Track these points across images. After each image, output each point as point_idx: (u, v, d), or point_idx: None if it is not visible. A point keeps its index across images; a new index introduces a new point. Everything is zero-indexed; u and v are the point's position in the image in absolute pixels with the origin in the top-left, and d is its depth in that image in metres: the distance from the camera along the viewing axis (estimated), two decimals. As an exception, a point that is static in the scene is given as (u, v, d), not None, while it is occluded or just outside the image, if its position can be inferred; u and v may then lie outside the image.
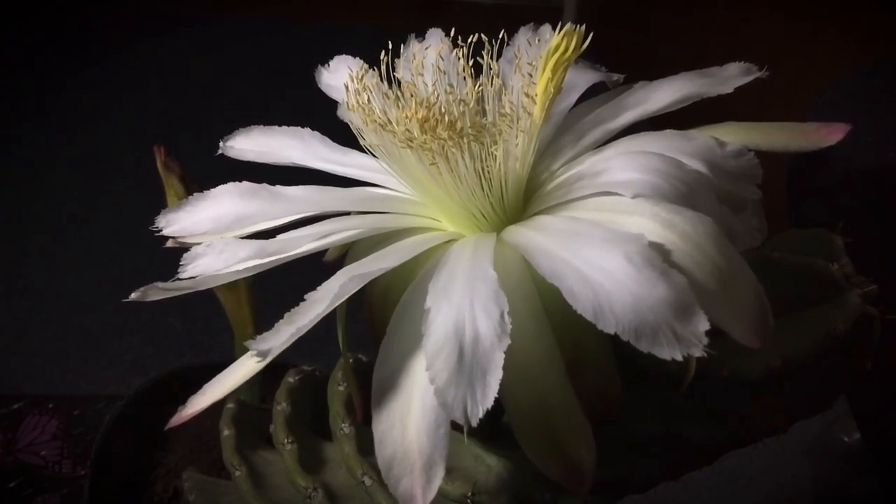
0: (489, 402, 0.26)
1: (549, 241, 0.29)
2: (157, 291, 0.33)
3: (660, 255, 0.26)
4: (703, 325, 0.25)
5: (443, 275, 0.30)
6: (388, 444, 0.29)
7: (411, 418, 0.28)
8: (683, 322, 0.25)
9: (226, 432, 0.54)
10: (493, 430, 0.41)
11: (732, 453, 0.40)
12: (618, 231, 0.27)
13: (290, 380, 0.56)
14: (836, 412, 0.40)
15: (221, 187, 0.38)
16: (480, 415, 0.26)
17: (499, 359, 0.26)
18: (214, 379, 0.36)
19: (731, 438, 0.39)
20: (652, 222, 0.29)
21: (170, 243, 0.38)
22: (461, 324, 0.27)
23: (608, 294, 0.25)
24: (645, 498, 0.43)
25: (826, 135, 0.35)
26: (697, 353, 0.25)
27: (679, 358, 0.25)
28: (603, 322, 0.25)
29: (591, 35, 0.34)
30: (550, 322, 0.31)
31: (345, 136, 0.40)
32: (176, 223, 0.37)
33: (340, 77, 0.41)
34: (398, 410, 0.29)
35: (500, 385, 0.26)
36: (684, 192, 0.29)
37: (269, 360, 0.30)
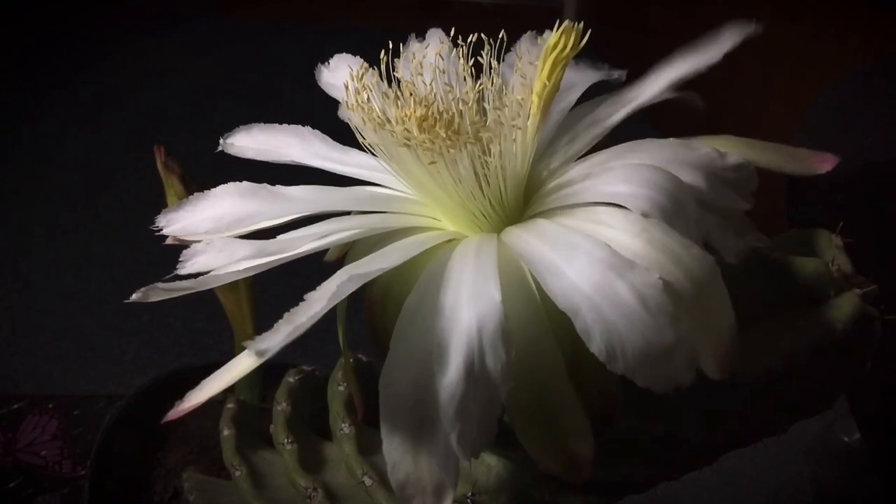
0: (491, 439, 0.27)
1: (554, 255, 0.29)
2: (158, 292, 0.33)
3: (672, 301, 0.27)
4: (694, 371, 0.26)
5: (448, 297, 0.30)
6: (401, 471, 0.29)
7: (422, 447, 0.29)
8: (682, 370, 0.26)
9: (226, 432, 0.54)
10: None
11: (732, 453, 0.40)
12: (632, 266, 0.27)
13: (290, 380, 0.56)
14: (836, 412, 0.40)
15: (221, 187, 0.38)
16: (482, 450, 0.27)
17: (504, 392, 0.27)
18: (212, 375, 0.36)
19: (731, 438, 0.39)
20: (661, 254, 0.29)
21: (169, 241, 0.38)
22: (470, 362, 0.27)
23: (622, 339, 0.26)
24: (645, 498, 0.43)
25: (818, 163, 0.36)
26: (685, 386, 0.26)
27: (667, 391, 0.26)
28: (612, 364, 0.26)
29: (589, 33, 0.35)
30: (550, 323, 0.31)
31: (345, 136, 0.40)
32: (176, 223, 0.37)
33: (341, 76, 0.41)
34: (409, 438, 0.29)
35: None
36: (685, 212, 0.30)
37: (266, 357, 0.30)
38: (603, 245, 0.29)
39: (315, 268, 0.37)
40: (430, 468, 0.29)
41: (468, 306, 0.29)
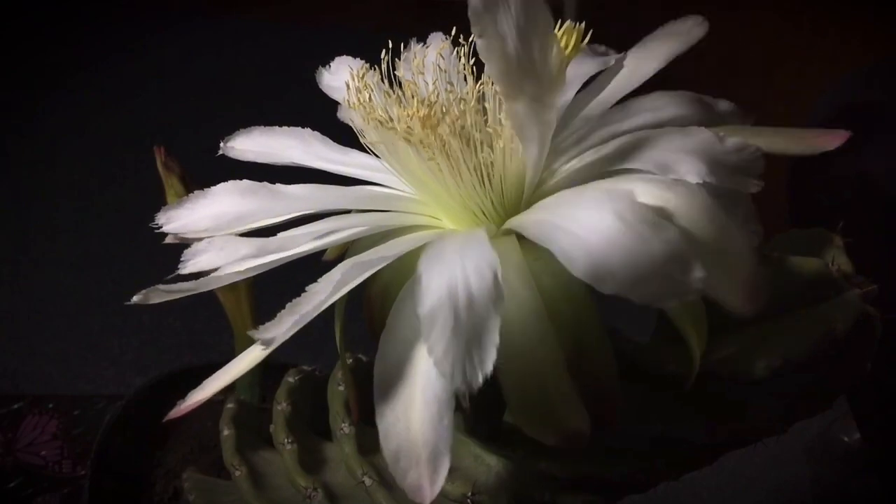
0: (488, 368, 0.25)
1: (543, 213, 0.30)
2: (159, 294, 0.33)
3: (650, 210, 0.26)
4: (698, 272, 0.25)
5: (435, 246, 0.30)
6: (393, 438, 0.29)
7: (414, 410, 0.28)
8: (679, 273, 0.25)
9: (226, 432, 0.54)
10: (493, 430, 0.41)
11: (732, 453, 0.40)
12: (607, 190, 0.28)
13: (290, 380, 0.56)
14: (836, 412, 0.40)
15: (221, 185, 0.38)
16: (480, 381, 0.25)
17: (495, 322, 0.26)
18: (214, 374, 0.36)
19: (731, 438, 0.39)
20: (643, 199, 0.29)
21: (169, 239, 0.38)
22: (454, 287, 0.26)
23: (604, 254, 0.25)
24: (645, 498, 0.43)
25: (826, 141, 0.35)
26: (693, 297, 0.25)
27: (674, 304, 0.25)
28: (601, 283, 0.25)
29: (590, 33, 0.35)
30: (551, 319, 0.31)
31: (345, 137, 0.40)
32: (176, 220, 0.37)
33: (341, 78, 0.41)
34: (401, 403, 0.29)
35: (505, 386, 0.26)
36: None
37: (272, 348, 0.30)
38: (580, 191, 0.29)
39: (315, 268, 0.37)
40: (422, 432, 0.28)
41: (453, 248, 0.29)
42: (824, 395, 0.39)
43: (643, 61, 0.38)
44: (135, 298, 0.33)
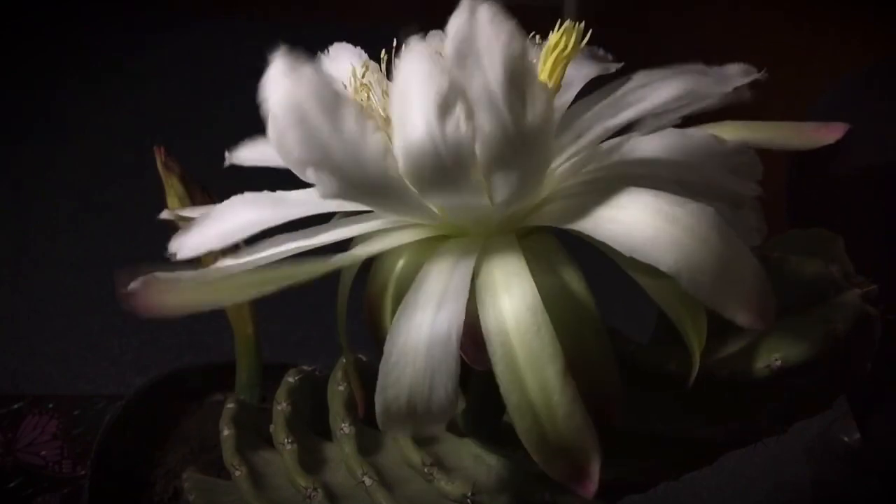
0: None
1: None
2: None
3: None
4: None
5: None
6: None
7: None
8: None
9: (226, 432, 0.54)
10: (494, 430, 0.41)
11: (732, 453, 0.40)
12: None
13: (290, 380, 0.56)
14: (836, 412, 0.40)
15: (226, 203, 0.38)
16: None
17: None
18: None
19: (731, 438, 0.39)
20: (655, 217, 0.28)
21: (164, 214, 0.38)
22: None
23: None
24: (645, 498, 0.43)
25: (825, 134, 0.35)
26: None
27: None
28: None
29: (590, 33, 0.35)
30: (553, 323, 0.31)
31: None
32: (187, 246, 0.37)
33: (341, 66, 0.40)
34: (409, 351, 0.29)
35: (503, 384, 0.28)
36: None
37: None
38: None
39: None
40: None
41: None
42: (824, 395, 0.39)
43: (664, 90, 0.36)
44: (131, 286, 0.33)
